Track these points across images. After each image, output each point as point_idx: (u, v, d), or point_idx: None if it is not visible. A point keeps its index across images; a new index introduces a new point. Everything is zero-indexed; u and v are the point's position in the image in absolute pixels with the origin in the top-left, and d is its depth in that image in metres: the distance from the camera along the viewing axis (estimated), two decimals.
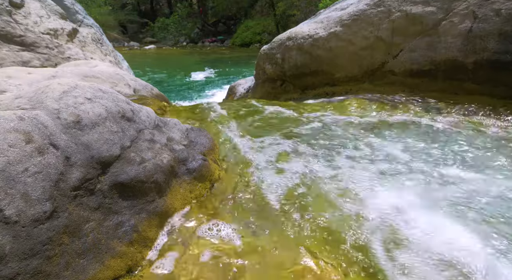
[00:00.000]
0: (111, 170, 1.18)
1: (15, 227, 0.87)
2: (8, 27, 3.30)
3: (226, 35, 22.59)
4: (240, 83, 4.77)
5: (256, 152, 1.78)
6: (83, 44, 4.29)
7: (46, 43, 3.60)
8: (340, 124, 2.17)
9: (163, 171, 1.32)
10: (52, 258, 0.92)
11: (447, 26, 2.56)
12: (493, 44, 2.37)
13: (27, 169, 0.96)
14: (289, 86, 3.65)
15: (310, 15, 6.10)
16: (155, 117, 1.60)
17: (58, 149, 1.08)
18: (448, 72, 2.62)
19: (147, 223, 1.20)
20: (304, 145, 1.85)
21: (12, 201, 0.89)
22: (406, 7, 2.73)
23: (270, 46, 3.71)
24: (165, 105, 2.69)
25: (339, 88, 3.21)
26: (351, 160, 1.67)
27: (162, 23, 23.70)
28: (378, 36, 2.89)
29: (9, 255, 0.84)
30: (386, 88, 2.92)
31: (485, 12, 2.40)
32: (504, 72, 2.35)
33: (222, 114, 2.38)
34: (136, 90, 3.22)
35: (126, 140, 1.29)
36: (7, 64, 3.13)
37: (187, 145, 1.60)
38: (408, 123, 2.14)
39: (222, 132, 2.03)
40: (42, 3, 3.95)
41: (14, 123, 1.04)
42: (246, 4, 21.95)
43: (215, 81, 9.69)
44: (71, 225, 1.00)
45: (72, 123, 1.17)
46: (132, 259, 1.10)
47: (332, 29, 3.12)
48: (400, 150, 1.78)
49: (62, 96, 1.25)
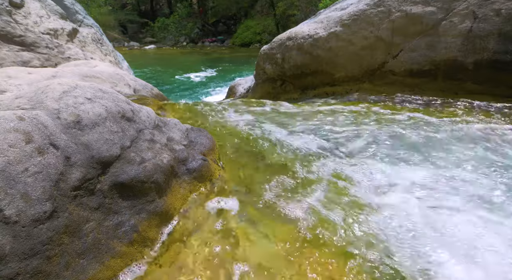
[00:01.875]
0: (111, 170, 1.18)
1: (15, 227, 0.87)
2: (8, 27, 3.30)
3: (226, 35, 22.58)
4: (240, 83, 4.77)
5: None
6: (83, 44, 4.29)
7: (46, 43, 3.60)
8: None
9: (163, 171, 1.32)
10: (52, 258, 0.92)
11: (447, 26, 2.56)
12: (493, 44, 2.37)
13: (27, 169, 0.96)
14: (289, 86, 3.65)
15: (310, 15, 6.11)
16: (155, 117, 1.59)
17: (58, 149, 1.08)
18: (448, 72, 2.62)
19: (147, 223, 1.20)
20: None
21: (12, 201, 0.89)
22: (406, 7, 2.73)
23: (270, 46, 3.71)
24: (165, 105, 2.69)
25: (339, 88, 3.21)
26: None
27: (162, 23, 23.68)
28: (378, 36, 2.89)
29: (9, 255, 0.84)
30: (386, 88, 2.92)
31: (485, 12, 2.40)
32: (504, 72, 2.35)
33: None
34: (136, 90, 3.22)
35: (126, 140, 1.29)
36: (7, 64, 3.13)
37: (187, 145, 1.60)
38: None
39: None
40: (42, 3, 3.95)
41: (14, 123, 1.04)
42: (246, 4, 21.94)
43: (215, 81, 9.68)
44: (71, 225, 1.00)
45: (72, 123, 1.17)
46: (132, 259, 1.10)
47: (332, 29, 3.12)
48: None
49: (62, 96, 1.25)
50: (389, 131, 2.01)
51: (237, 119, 2.28)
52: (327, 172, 1.59)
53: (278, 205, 1.38)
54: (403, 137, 1.92)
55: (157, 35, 23.44)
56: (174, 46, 21.60)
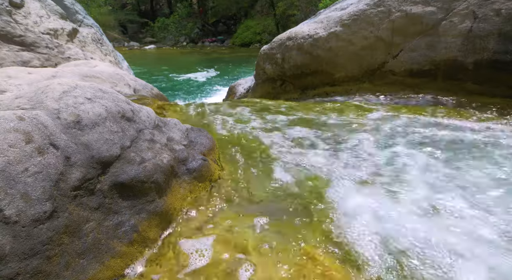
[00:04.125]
0: (111, 170, 1.18)
1: (15, 227, 0.87)
2: (8, 27, 3.30)
3: (226, 35, 22.59)
4: (240, 83, 4.77)
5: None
6: (83, 44, 4.29)
7: (46, 43, 3.60)
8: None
9: (163, 171, 1.32)
10: (52, 258, 0.92)
11: (447, 26, 2.56)
12: (493, 44, 2.37)
13: (27, 169, 0.96)
14: (289, 86, 3.65)
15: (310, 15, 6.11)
16: (155, 117, 1.59)
17: (58, 149, 1.08)
18: (448, 72, 2.62)
19: (147, 223, 1.20)
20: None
21: (12, 201, 0.89)
22: (406, 7, 2.73)
23: (270, 46, 3.71)
24: (165, 104, 2.69)
25: (339, 88, 3.21)
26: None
27: (162, 23, 23.69)
28: (378, 36, 2.89)
29: (9, 255, 0.84)
30: (386, 88, 2.92)
31: (485, 12, 2.40)
32: (504, 72, 2.35)
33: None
34: (136, 90, 3.22)
35: (126, 140, 1.29)
36: (7, 64, 3.13)
37: (187, 145, 1.60)
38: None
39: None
40: (42, 3, 3.95)
41: (14, 123, 1.04)
42: (246, 4, 21.95)
43: (215, 81, 9.69)
44: (71, 225, 1.00)
45: (72, 123, 1.17)
46: (132, 259, 1.10)
47: (332, 29, 3.12)
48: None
49: (62, 96, 1.25)
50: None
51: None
52: None
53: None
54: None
55: (157, 35, 23.45)
56: (174, 46, 21.61)
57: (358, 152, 1.81)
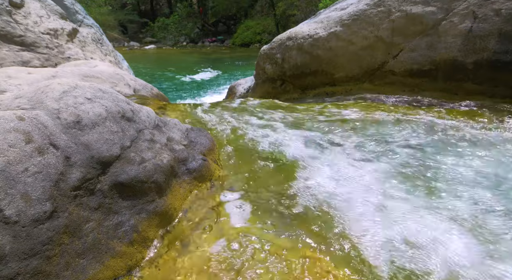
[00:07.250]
0: (111, 170, 1.18)
1: (15, 227, 0.87)
2: (8, 27, 3.30)
3: (226, 35, 22.58)
4: (240, 83, 4.76)
5: None
6: (83, 44, 4.29)
7: (46, 43, 3.60)
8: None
9: (163, 171, 1.32)
10: (52, 258, 0.92)
11: (447, 26, 2.56)
12: (493, 44, 2.37)
13: (27, 169, 0.96)
14: (289, 86, 3.65)
15: (310, 15, 6.11)
16: (155, 117, 1.59)
17: (58, 149, 1.08)
18: (448, 72, 2.62)
19: (147, 223, 1.20)
20: None
21: (12, 201, 0.89)
22: (406, 7, 2.73)
23: (270, 46, 3.71)
24: (165, 104, 2.69)
25: (339, 88, 3.21)
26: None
27: (162, 23, 23.68)
28: (378, 36, 2.89)
29: (9, 255, 0.84)
30: (386, 88, 2.92)
31: (485, 12, 2.40)
32: (504, 72, 2.35)
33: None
34: (136, 90, 3.22)
35: (126, 140, 1.29)
36: (7, 64, 3.13)
37: (187, 145, 1.60)
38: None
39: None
40: (42, 3, 3.95)
41: (14, 123, 1.04)
42: (246, 4, 21.94)
43: (215, 81, 9.69)
44: (71, 225, 1.00)
45: (72, 123, 1.17)
46: (132, 259, 1.10)
47: (332, 29, 3.12)
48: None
49: (62, 96, 1.25)
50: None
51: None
52: None
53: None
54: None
55: (157, 35, 23.44)
56: (174, 46, 21.60)
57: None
